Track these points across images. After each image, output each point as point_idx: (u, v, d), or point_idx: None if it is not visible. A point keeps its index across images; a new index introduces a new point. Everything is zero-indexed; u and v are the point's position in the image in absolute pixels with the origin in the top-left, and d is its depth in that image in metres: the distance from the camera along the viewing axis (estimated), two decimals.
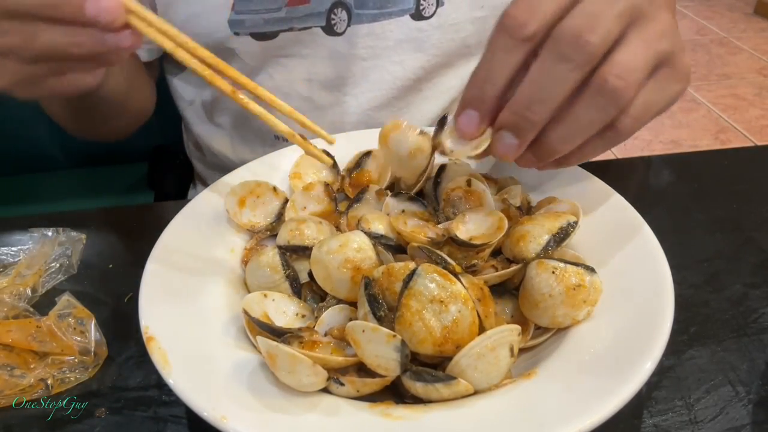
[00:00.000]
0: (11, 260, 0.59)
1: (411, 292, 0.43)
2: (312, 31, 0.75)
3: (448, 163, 0.58)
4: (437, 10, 0.76)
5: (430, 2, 0.75)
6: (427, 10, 0.75)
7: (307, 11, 0.74)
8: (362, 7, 0.74)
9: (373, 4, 0.75)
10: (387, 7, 0.75)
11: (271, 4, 0.73)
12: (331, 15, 0.74)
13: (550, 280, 0.45)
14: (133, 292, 0.48)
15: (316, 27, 0.75)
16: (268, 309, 0.48)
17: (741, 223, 0.62)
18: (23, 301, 0.54)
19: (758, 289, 0.55)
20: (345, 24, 0.75)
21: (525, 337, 0.46)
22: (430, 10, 0.76)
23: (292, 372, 0.41)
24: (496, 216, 0.51)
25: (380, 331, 0.41)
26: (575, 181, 0.59)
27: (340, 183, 0.63)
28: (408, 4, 0.75)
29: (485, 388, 0.42)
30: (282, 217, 0.58)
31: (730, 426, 0.44)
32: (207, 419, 0.39)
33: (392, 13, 0.75)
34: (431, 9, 0.75)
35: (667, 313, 0.44)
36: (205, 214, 0.58)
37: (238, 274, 0.54)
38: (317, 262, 0.49)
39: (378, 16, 0.75)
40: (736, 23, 3.43)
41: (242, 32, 0.75)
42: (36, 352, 0.50)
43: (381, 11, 0.75)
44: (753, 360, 0.49)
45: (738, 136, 2.49)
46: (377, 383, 0.42)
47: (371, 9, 0.75)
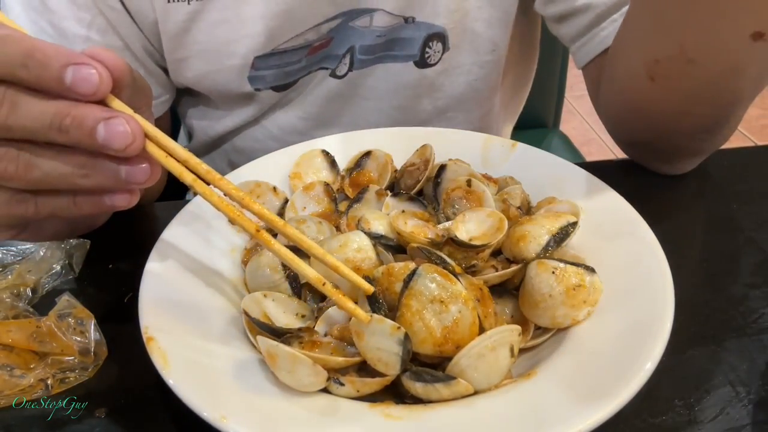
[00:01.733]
0: (11, 260, 0.59)
1: (411, 292, 0.43)
2: (322, 72, 0.74)
3: (448, 163, 0.58)
4: (443, 56, 0.74)
5: (435, 50, 0.73)
6: (432, 58, 0.73)
7: (324, 54, 0.73)
8: (366, 53, 0.73)
9: (378, 50, 0.73)
10: (392, 51, 0.73)
11: (293, 57, 0.71)
12: (342, 58, 0.73)
13: (550, 280, 0.45)
14: (133, 292, 0.48)
15: (329, 68, 0.74)
16: (267, 309, 0.48)
17: (741, 223, 0.62)
18: (23, 302, 0.54)
19: (758, 289, 0.55)
20: (346, 68, 0.73)
21: (525, 337, 0.46)
22: (436, 58, 0.73)
23: (292, 372, 0.41)
24: (496, 216, 0.51)
25: (385, 323, 0.41)
26: (575, 181, 0.59)
27: (340, 183, 0.63)
28: (413, 50, 0.73)
29: (485, 388, 0.42)
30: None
31: (730, 426, 0.44)
32: (207, 419, 0.39)
33: (396, 57, 0.73)
34: (437, 57, 0.73)
35: (667, 313, 0.44)
36: (205, 214, 0.58)
37: (238, 274, 0.54)
38: (317, 262, 0.49)
39: (381, 59, 0.74)
40: None
41: (263, 87, 0.73)
42: (36, 352, 0.50)
43: (385, 54, 0.73)
44: (753, 360, 0.49)
45: (738, 136, 2.49)
46: (377, 383, 0.42)
47: (375, 54, 0.73)
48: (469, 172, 0.57)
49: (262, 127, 0.80)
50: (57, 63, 0.35)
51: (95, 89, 0.36)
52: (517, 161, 0.63)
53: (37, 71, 0.35)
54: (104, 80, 0.36)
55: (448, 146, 0.63)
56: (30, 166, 0.37)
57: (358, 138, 0.67)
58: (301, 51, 0.71)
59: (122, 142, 0.36)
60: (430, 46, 0.72)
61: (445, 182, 0.58)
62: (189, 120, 0.86)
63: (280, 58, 0.71)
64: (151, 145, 0.38)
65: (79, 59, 0.35)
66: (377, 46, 0.73)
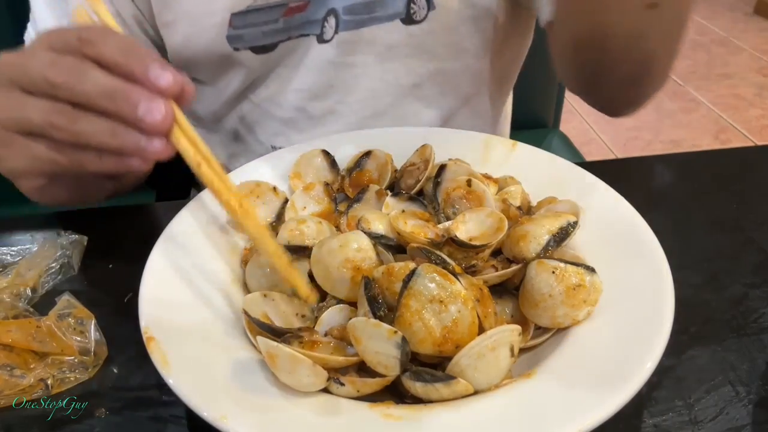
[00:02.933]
0: (11, 260, 0.59)
1: (411, 292, 0.43)
2: (307, 39, 0.75)
3: (448, 163, 0.58)
4: (428, 14, 0.74)
5: (421, 5, 0.73)
6: (418, 14, 0.74)
7: (303, 19, 0.73)
8: (350, 13, 0.73)
9: (361, 9, 0.73)
10: (376, 12, 0.73)
11: (269, 16, 0.72)
12: (324, 23, 0.73)
13: (550, 280, 0.46)
14: (133, 292, 0.48)
15: (312, 35, 0.74)
16: (267, 309, 0.48)
17: (741, 223, 0.62)
18: (23, 301, 0.54)
19: (758, 289, 0.55)
20: (332, 31, 0.74)
21: (525, 337, 0.46)
22: (422, 14, 0.74)
23: (292, 372, 0.41)
24: (496, 216, 0.51)
25: (381, 327, 0.41)
26: (575, 181, 0.59)
27: (340, 183, 0.63)
28: (398, 8, 0.73)
29: (485, 388, 0.42)
30: (282, 217, 0.58)
31: (730, 426, 0.44)
32: (207, 419, 0.39)
33: (382, 18, 0.74)
34: (422, 12, 0.74)
35: (667, 313, 0.44)
36: (205, 214, 0.58)
37: (238, 274, 0.54)
38: (317, 262, 0.49)
39: (367, 21, 0.74)
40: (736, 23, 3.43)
41: (241, 47, 0.74)
42: (36, 352, 0.50)
43: (370, 16, 0.74)
44: (753, 360, 0.49)
45: (738, 136, 2.49)
46: (377, 383, 0.42)
47: (360, 14, 0.74)
48: (469, 172, 0.57)
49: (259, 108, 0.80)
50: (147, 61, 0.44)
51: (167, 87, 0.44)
52: (517, 161, 0.63)
53: (131, 67, 0.44)
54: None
55: (448, 146, 0.63)
56: (75, 120, 0.44)
57: (358, 138, 0.67)
58: (277, 9, 0.72)
59: (154, 119, 0.43)
60: (414, 1, 0.74)
61: (445, 182, 0.58)
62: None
63: (257, 16, 0.72)
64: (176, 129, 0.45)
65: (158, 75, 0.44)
66: (360, 6, 0.73)
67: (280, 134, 0.81)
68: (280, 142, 0.82)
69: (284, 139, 0.81)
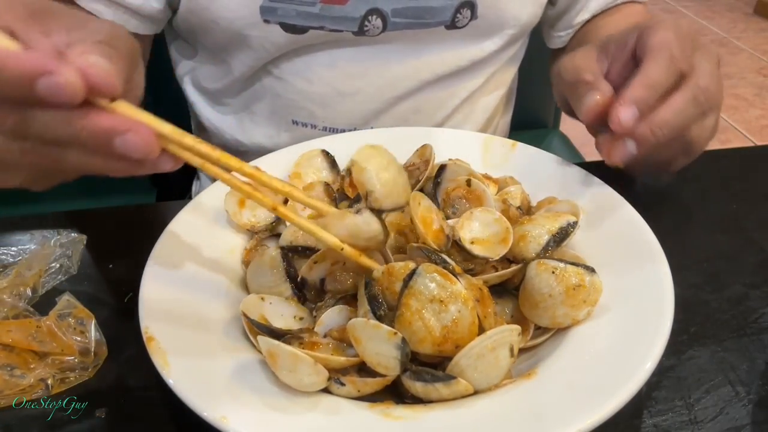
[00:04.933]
0: (11, 260, 0.59)
1: (411, 292, 0.43)
2: (342, 34, 0.75)
3: (448, 163, 0.58)
4: (470, 23, 0.77)
5: (465, 16, 0.77)
6: (461, 22, 0.77)
7: (341, 13, 0.73)
8: (399, 16, 0.75)
9: (410, 14, 0.75)
10: (424, 18, 0.76)
11: None
12: (365, 21, 0.74)
13: (550, 280, 0.46)
14: (133, 292, 0.48)
15: (347, 32, 0.74)
16: (265, 312, 0.48)
17: (741, 223, 0.62)
18: (23, 301, 0.54)
19: (758, 289, 0.55)
20: (379, 30, 0.75)
21: (525, 337, 0.46)
22: (464, 22, 0.77)
23: (293, 371, 0.41)
24: (503, 226, 0.50)
25: (381, 329, 0.41)
26: (575, 181, 0.59)
27: (340, 183, 0.63)
28: (445, 17, 0.76)
29: (485, 388, 0.42)
30: (279, 221, 0.58)
31: (730, 426, 0.44)
32: (207, 419, 0.39)
33: (429, 24, 0.76)
34: (465, 21, 0.77)
35: (667, 313, 0.44)
36: (205, 214, 0.58)
37: (238, 274, 0.54)
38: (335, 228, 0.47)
39: (413, 25, 0.76)
40: (736, 23, 3.43)
41: (272, 20, 0.74)
42: (36, 352, 0.50)
43: (417, 21, 0.76)
44: (753, 360, 0.49)
45: (738, 136, 2.49)
46: (378, 383, 0.42)
47: (408, 18, 0.75)
48: (469, 172, 0.57)
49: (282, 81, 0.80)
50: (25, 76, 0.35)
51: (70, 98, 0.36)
52: (517, 161, 0.63)
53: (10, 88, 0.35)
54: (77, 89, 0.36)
55: (448, 146, 0.63)
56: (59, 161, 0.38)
57: (358, 138, 0.67)
58: None
59: (139, 153, 0.38)
60: (461, 12, 0.77)
61: (445, 182, 0.58)
62: (178, 60, 0.87)
63: None
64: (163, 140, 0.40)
65: (48, 67, 0.35)
66: (410, 10, 0.75)
67: (302, 108, 0.81)
68: (302, 116, 0.81)
69: (307, 113, 0.81)
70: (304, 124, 0.82)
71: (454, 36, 0.78)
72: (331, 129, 0.82)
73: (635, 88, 0.51)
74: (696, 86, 0.52)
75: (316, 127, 0.82)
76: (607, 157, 0.53)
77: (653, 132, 0.51)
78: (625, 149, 0.52)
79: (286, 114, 0.82)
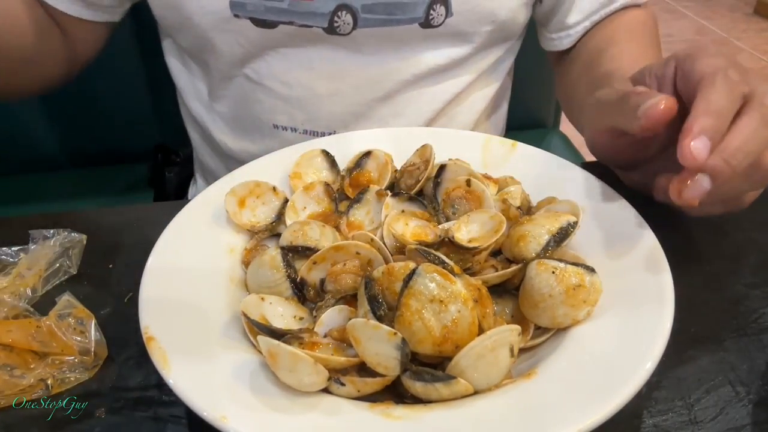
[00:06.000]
0: (11, 260, 0.59)
1: (411, 292, 0.43)
2: (313, 30, 0.75)
3: (448, 163, 0.58)
4: (446, 21, 0.76)
5: (439, 13, 0.75)
6: (436, 20, 0.76)
7: (310, 9, 0.74)
8: (370, 12, 0.74)
9: (381, 10, 0.74)
10: (395, 14, 0.75)
11: None
12: (335, 17, 0.74)
13: (550, 280, 0.46)
14: (133, 292, 0.48)
15: (317, 27, 0.75)
16: (265, 312, 0.48)
17: (741, 223, 0.62)
18: (23, 301, 0.54)
19: (758, 289, 0.55)
20: (350, 27, 0.75)
21: (525, 337, 0.46)
22: (439, 20, 0.76)
23: (293, 371, 0.41)
24: (497, 218, 0.51)
25: (381, 329, 0.41)
26: (575, 181, 0.59)
27: (340, 183, 0.63)
28: (417, 14, 0.75)
29: (485, 388, 0.42)
30: (282, 217, 0.58)
31: (730, 426, 0.44)
32: (207, 419, 0.39)
33: (401, 21, 0.75)
34: (440, 19, 0.76)
35: (667, 313, 0.44)
36: (205, 214, 0.58)
37: (238, 274, 0.54)
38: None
39: (386, 21, 0.75)
40: (736, 23, 3.43)
41: (242, 15, 0.74)
42: (36, 352, 0.50)
43: (389, 17, 0.75)
44: (753, 360, 0.49)
45: None
46: (378, 383, 0.42)
47: (379, 14, 0.75)
48: (469, 172, 0.57)
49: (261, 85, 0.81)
50: None
51: None
52: (517, 161, 0.63)
53: None
54: None
55: (448, 146, 0.63)
56: None
57: (358, 138, 0.67)
58: None
59: None
60: (434, 8, 0.75)
61: (445, 182, 0.58)
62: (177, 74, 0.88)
63: None
64: None
65: None
66: (380, 6, 0.74)
67: (282, 112, 0.81)
68: (282, 120, 0.82)
69: (287, 117, 0.81)
70: (284, 127, 0.82)
71: (431, 35, 0.77)
72: (311, 132, 0.82)
73: (700, 117, 0.46)
74: (762, 106, 0.47)
75: (296, 130, 0.82)
76: (677, 198, 0.47)
77: (728, 162, 0.45)
78: (700, 185, 0.46)
79: (267, 119, 0.82)
